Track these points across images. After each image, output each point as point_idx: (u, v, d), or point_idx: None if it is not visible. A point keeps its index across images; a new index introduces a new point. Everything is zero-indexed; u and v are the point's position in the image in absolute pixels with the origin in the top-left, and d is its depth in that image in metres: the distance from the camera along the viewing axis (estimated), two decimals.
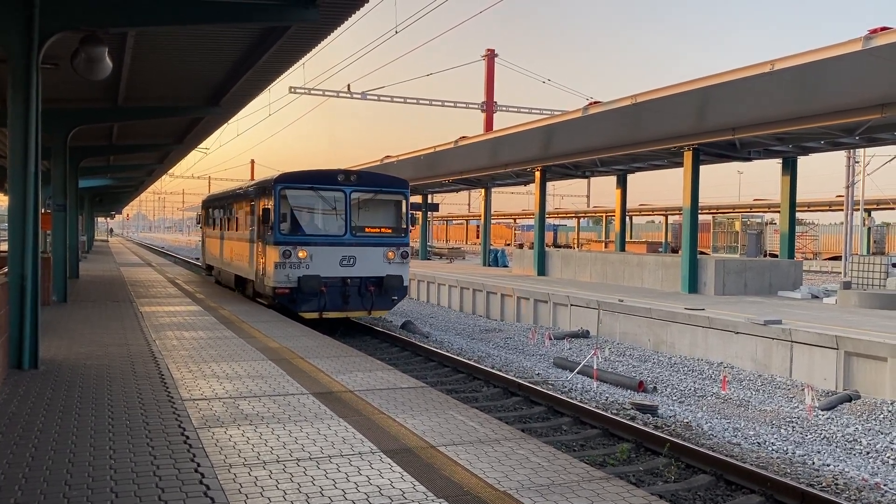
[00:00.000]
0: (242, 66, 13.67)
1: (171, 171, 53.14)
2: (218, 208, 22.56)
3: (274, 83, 16.02)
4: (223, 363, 8.81)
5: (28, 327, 8.19)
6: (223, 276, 21.68)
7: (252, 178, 49.19)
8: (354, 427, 6.09)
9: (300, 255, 14.65)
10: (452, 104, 43.21)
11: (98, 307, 14.59)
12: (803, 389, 11.45)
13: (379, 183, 15.99)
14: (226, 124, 23.09)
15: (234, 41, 12.30)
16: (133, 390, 7.22)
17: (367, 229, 15.53)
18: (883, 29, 11.51)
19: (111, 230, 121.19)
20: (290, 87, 36.25)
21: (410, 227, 16.69)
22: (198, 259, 53.70)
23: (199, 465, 5.00)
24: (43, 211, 15.24)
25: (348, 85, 37.12)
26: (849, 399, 11.02)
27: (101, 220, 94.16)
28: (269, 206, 14.91)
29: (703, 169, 21.11)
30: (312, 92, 36.85)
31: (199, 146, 30.70)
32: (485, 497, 4.56)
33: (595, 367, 12.94)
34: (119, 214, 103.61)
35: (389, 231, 15.92)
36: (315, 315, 14.79)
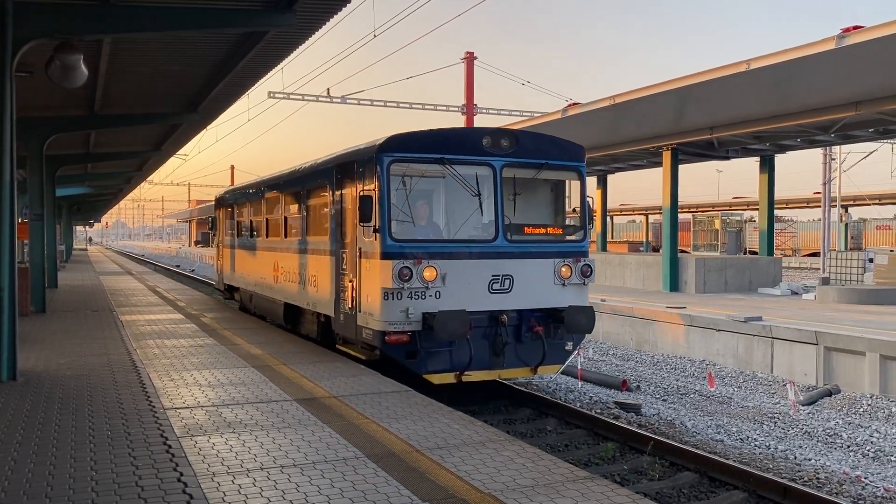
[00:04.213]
0: (220, 72, 13.60)
1: (150, 178, 52.72)
2: (250, 205, 16.10)
3: (253, 88, 15.96)
4: (205, 371, 8.74)
5: (6, 338, 8.09)
6: (258, 304, 15.42)
7: (232, 184, 47.27)
8: (338, 433, 6.07)
9: (426, 274, 8.95)
10: (433, 107, 43.18)
11: (77, 317, 14.43)
12: (785, 385, 11.57)
13: (545, 151, 9.87)
14: (204, 130, 22.95)
15: (211, 47, 12.23)
16: (114, 400, 7.15)
17: (526, 230, 9.92)
18: (855, 28, 11.69)
19: (90, 239, 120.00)
20: (270, 92, 36.00)
21: (590, 224, 10.51)
22: (178, 266, 53.29)
23: (181, 474, 4.96)
24: (20, 220, 15.08)
25: (328, 89, 36.93)
26: (829, 394, 11.15)
27: (79, 228, 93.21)
28: (371, 193, 9.10)
29: (682, 168, 21.31)
30: (292, 97, 36.66)
31: (178, 153, 30.50)
32: (470, 499, 4.57)
33: (579, 367, 12.98)
34: (98, 223, 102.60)
35: (559, 231, 10.40)
36: (451, 378, 9.24)
